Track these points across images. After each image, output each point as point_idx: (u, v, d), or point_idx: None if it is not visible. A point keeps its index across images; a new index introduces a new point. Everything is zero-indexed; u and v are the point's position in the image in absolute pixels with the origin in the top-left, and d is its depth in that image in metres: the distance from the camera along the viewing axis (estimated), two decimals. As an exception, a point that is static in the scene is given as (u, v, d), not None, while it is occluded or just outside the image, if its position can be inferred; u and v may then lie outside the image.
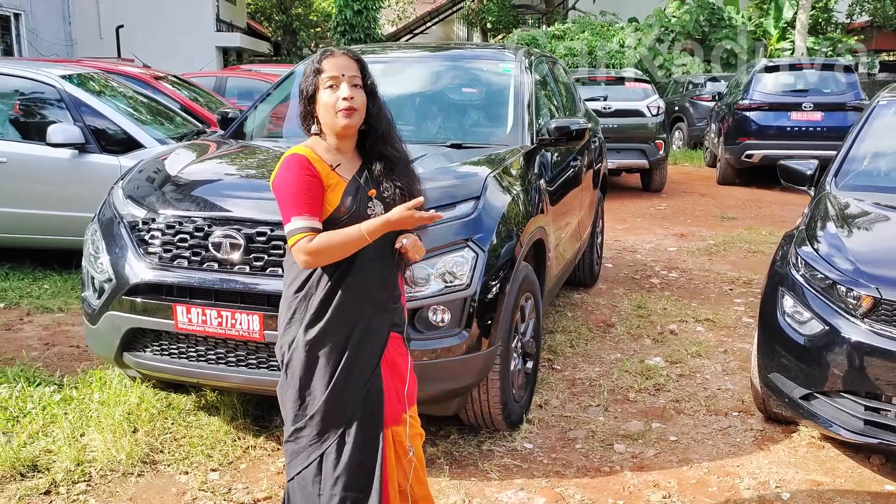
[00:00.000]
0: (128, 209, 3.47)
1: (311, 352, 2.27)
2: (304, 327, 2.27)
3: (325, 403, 2.28)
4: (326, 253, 2.17)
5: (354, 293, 2.26)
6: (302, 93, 2.27)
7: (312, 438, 2.32)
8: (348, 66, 2.23)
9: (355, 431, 2.30)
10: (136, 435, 3.52)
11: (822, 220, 3.67)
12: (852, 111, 11.15)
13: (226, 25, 23.99)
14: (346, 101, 2.19)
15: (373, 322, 2.31)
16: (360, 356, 2.29)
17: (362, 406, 2.31)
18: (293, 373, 2.31)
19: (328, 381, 2.27)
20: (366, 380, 2.30)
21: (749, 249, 7.84)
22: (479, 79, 4.64)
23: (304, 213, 2.16)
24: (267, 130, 4.63)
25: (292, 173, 2.19)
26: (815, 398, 3.24)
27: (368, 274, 2.28)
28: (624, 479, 3.33)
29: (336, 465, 2.31)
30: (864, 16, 24.90)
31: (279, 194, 2.22)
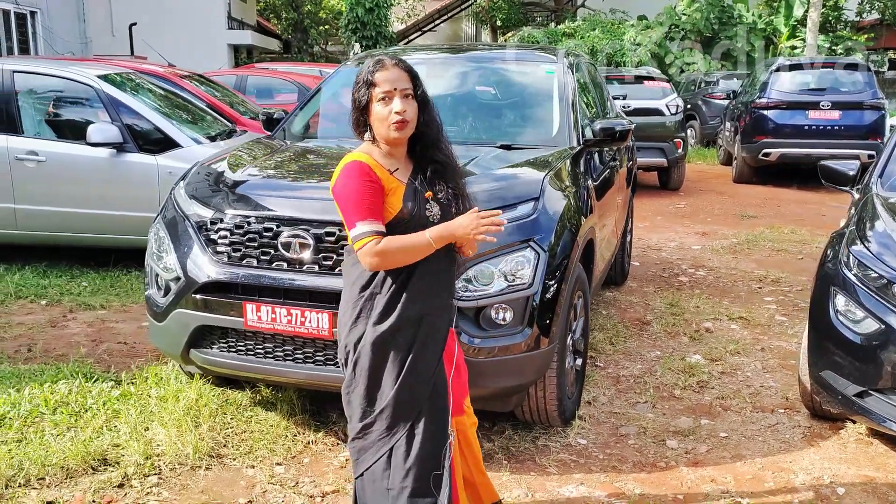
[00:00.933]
0: (193, 209, 3.53)
1: (380, 349, 2.36)
2: (373, 324, 2.35)
3: (394, 399, 2.36)
4: (393, 257, 2.28)
5: (419, 290, 2.36)
6: (355, 102, 2.35)
7: (382, 433, 2.40)
8: (400, 78, 2.31)
9: (424, 423, 2.39)
10: (200, 429, 3.60)
11: (872, 220, 3.73)
12: (870, 110, 11.21)
13: (237, 23, 24.04)
14: (399, 115, 2.28)
15: (436, 317, 2.41)
16: (426, 351, 2.38)
17: (429, 399, 2.40)
18: (361, 370, 2.39)
19: (396, 376, 2.36)
20: (431, 374, 2.40)
21: (773, 248, 7.90)
22: (524, 80, 4.71)
23: (368, 218, 2.26)
24: (315, 131, 4.70)
25: (354, 180, 2.29)
26: (869, 395, 3.31)
27: (431, 271, 2.37)
28: (680, 474, 3.40)
29: (406, 458, 2.39)
30: (874, 14, 24.89)
31: (342, 200, 2.31)
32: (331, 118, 4.91)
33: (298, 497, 3.16)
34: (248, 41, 23.83)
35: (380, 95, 2.28)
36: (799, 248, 7.86)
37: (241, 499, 3.15)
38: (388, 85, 2.28)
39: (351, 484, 3.22)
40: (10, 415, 3.71)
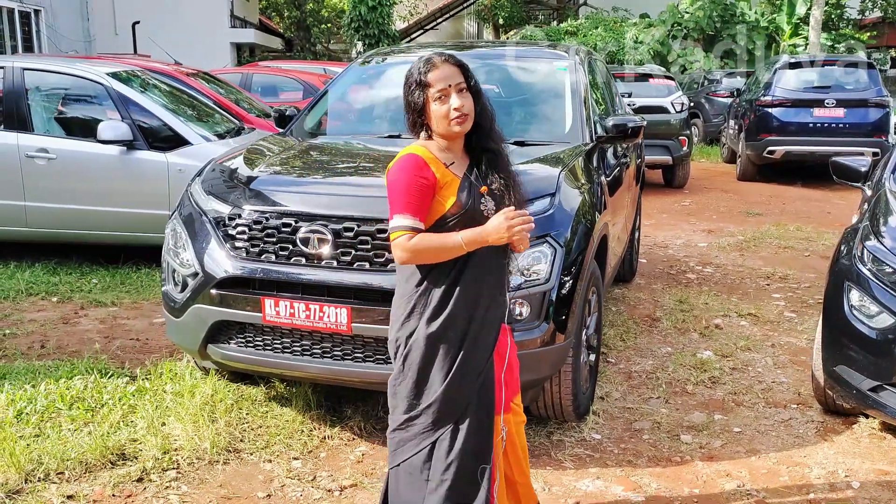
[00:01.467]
0: (211, 205, 3.55)
1: (432, 344, 2.36)
2: (426, 320, 2.36)
3: (443, 394, 2.37)
4: (423, 254, 2.30)
5: (473, 286, 2.37)
6: (410, 105, 2.36)
7: (426, 426, 2.41)
8: (453, 74, 2.32)
9: (470, 420, 2.39)
10: (216, 425, 3.61)
11: (885, 215, 3.74)
12: (875, 108, 11.22)
13: (240, 21, 24.05)
14: (458, 111, 2.30)
15: (488, 314, 2.41)
16: (477, 348, 2.39)
17: (477, 395, 2.40)
18: (411, 364, 2.40)
19: (447, 372, 2.37)
20: (480, 370, 2.40)
21: (779, 245, 7.91)
22: (536, 77, 4.73)
23: (409, 213, 2.28)
24: (327, 128, 4.72)
25: (407, 173, 2.31)
26: (884, 389, 3.33)
27: (485, 267, 2.38)
28: (696, 468, 3.42)
29: (449, 452, 2.39)
30: (877, 12, 24.90)
31: (391, 190, 2.33)
32: (342, 116, 4.94)
33: (317, 491, 3.18)
34: (251, 39, 23.84)
35: (436, 95, 2.30)
36: (805, 245, 7.88)
37: (259, 492, 3.17)
38: (443, 83, 2.30)
39: (369, 479, 3.26)
40: (27, 410, 3.73)
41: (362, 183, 3.65)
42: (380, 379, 3.30)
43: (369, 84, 5.14)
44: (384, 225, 3.21)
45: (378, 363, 3.27)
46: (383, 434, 3.63)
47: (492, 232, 2.29)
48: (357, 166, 3.98)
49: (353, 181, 3.69)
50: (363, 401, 3.91)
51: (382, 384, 3.37)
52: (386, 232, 3.19)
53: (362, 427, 3.69)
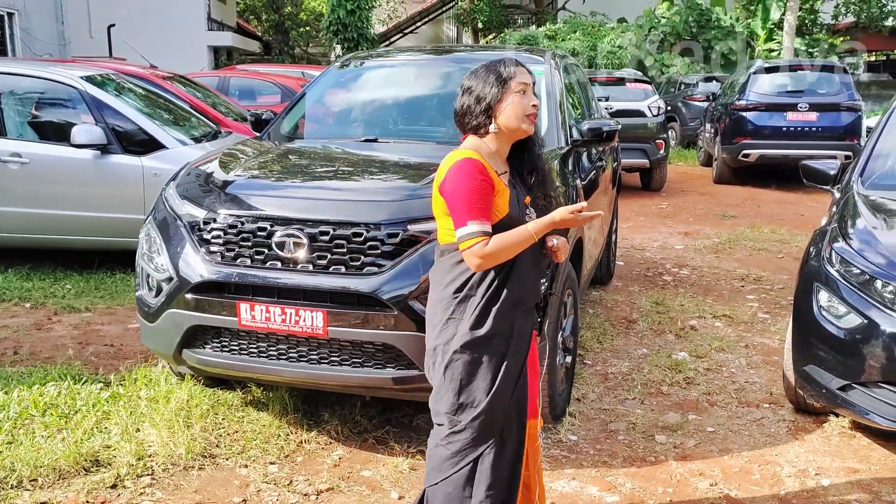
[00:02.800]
0: (186, 209, 3.54)
1: (475, 354, 2.32)
2: (469, 329, 2.31)
3: (488, 406, 2.32)
4: (499, 256, 2.28)
5: (514, 295, 2.35)
6: (482, 98, 2.33)
7: (469, 442, 2.34)
8: (530, 78, 2.39)
9: (514, 431, 2.38)
10: (192, 430, 3.60)
11: (853, 218, 3.81)
12: (847, 111, 11.39)
13: (217, 24, 23.93)
14: (534, 108, 2.36)
15: (525, 323, 2.41)
16: (517, 357, 2.37)
17: (515, 404, 2.38)
18: (453, 375, 2.35)
19: (491, 383, 2.32)
20: (518, 379, 2.38)
21: (754, 247, 8.01)
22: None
23: (479, 218, 2.24)
24: (304, 132, 4.72)
25: (468, 176, 2.26)
26: (852, 389, 3.38)
27: (525, 276, 2.38)
28: (670, 468, 3.46)
29: (494, 467, 2.34)
30: (850, 17, 25.28)
31: (453, 197, 2.27)
32: (318, 119, 4.94)
33: (293, 495, 3.18)
34: (229, 43, 23.74)
35: (519, 87, 2.33)
36: (779, 247, 7.98)
37: (235, 498, 3.16)
38: (528, 79, 2.36)
39: (346, 482, 3.27)
40: (0, 417, 3.69)
41: (338, 187, 3.65)
42: (356, 382, 3.32)
43: (347, 88, 5.15)
44: (360, 229, 3.23)
45: (354, 366, 3.28)
46: (360, 438, 3.66)
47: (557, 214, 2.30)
48: (333, 170, 3.98)
49: (330, 185, 3.69)
50: (340, 404, 3.91)
51: (358, 388, 3.41)
52: (361, 235, 3.22)
53: (339, 431, 3.69)
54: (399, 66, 5.32)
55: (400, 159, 4.07)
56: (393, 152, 4.19)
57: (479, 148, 2.36)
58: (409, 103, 4.90)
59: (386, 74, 5.22)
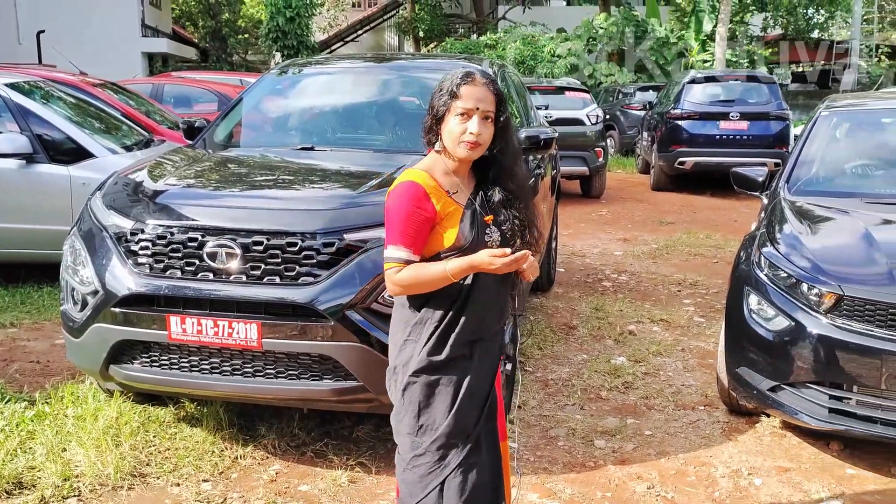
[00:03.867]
0: (112, 220, 3.42)
1: (432, 378, 2.24)
2: (427, 352, 2.24)
3: (447, 427, 2.24)
4: (411, 287, 2.19)
5: (475, 316, 2.25)
6: (433, 109, 2.22)
7: (433, 465, 2.26)
8: (485, 98, 2.18)
9: (481, 454, 2.29)
10: (121, 448, 3.47)
11: (780, 223, 3.92)
12: (775, 120, 11.77)
13: (151, 31, 23.41)
14: (473, 136, 2.16)
15: (489, 342, 2.32)
16: (480, 378, 2.29)
17: (484, 427, 2.31)
18: (411, 396, 2.27)
19: (450, 405, 2.24)
20: (484, 401, 2.31)
21: (690, 252, 8.18)
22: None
23: (402, 245, 2.16)
24: (238, 140, 4.63)
25: (404, 203, 2.17)
26: (781, 389, 3.47)
27: (489, 294, 2.27)
28: (608, 472, 3.48)
29: (462, 490, 2.25)
30: (778, 29, 26.21)
31: (387, 217, 2.21)
32: (254, 127, 4.85)
33: (227, 513, 3.09)
34: (164, 49, 23.24)
35: (459, 110, 2.16)
36: (714, 252, 8.17)
37: (166, 517, 3.06)
38: (472, 103, 2.15)
39: (282, 498, 3.20)
40: (-86, 440, 3.50)
41: (273, 195, 3.59)
42: (292, 395, 3.26)
43: (283, 95, 5.08)
44: (295, 238, 3.17)
45: (291, 379, 3.22)
46: (297, 451, 3.59)
47: (477, 258, 2.14)
48: (268, 179, 3.91)
49: (264, 194, 3.63)
50: (277, 418, 3.83)
51: (295, 400, 3.35)
52: (296, 245, 3.16)
53: (276, 445, 3.61)
54: (337, 73, 5.27)
55: (337, 168, 4.03)
56: (329, 160, 4.14)
57: (435, 165, 2.25)
58: (347, 111, 4.86)
59: (324, 82, 5.17)
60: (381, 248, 3.17)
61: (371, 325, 3.13)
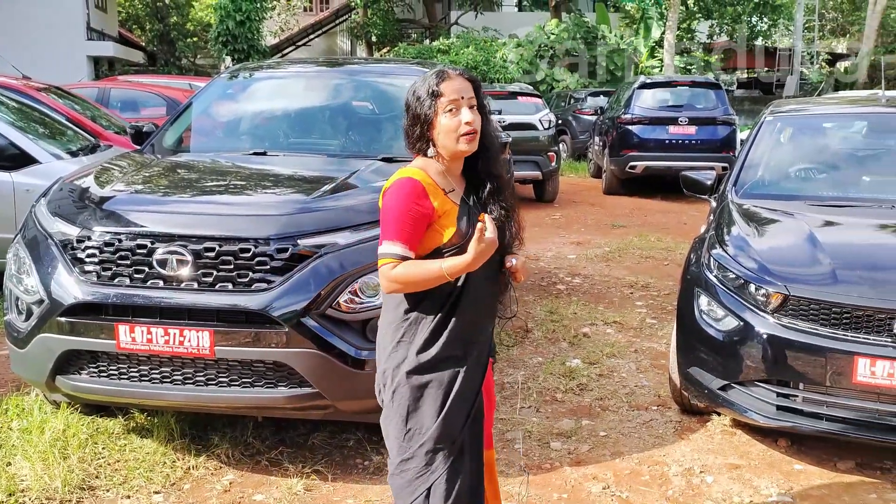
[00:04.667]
0: (57, 227, 3.34)
1: (422, 380, 2.22)
2: (417, 351, 2.21)
3: (436, 431, 2.21)
4: (406, 284, 2.16)
5: (467, 317, 2.24)
6: (418, 117, 2.20)
7: (420, 470, 2.24)
8: (465, 87, 2.19)
9: (466, 459, 2.26)
10: (69, 461, 3.38)
11: (728, 225, 4.01)
12: (722, 125, 12.05)
13: (97, 34, 22.91)
14: (469, 126, 2.15)
15: (480, 346, 2.30)
16: (470, 382, 2.26)
17: (470, 432, 2.28)
18: (400, 401, 2.24)
19: (439, 409, 2.21)
20: (471, 406, 2.28)
21: (642, 255, 8.31)
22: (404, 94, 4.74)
23: (399, 241, 2.13)
24: (188, 145, 4.55)
25: (403, 199, 2.15)
26: (731, 388, 3.55)
27: (480, 296, 2.26)
28: (564, 474, 3.51)
29: (447, 496, 2.23)
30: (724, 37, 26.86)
31: (384, 213, 2.19)
32: (205, 132, 4.78)
33: (180, 525, 3.03)
34: (110, 53, 22.78)
35: (447, 106, 2.15)
36: (665, 254, 8.32)
37: (117, 531, 2.99)
38: (456, 94, 2.15)
39: (237, 507, 3.14)
40: None
41: (225, 201, 3.54)
42: (246, 403, 3.22)
43: (234, 99, 5.01)
44: (248, 244, 3.13)
45: (244, 387, 3.17)
46: (252, 460, 3.53)
47: (472, 257, 2.09)
48: (220, 184, 3.85)
49: (216, 199, 3.57)
50: (231, 427, 3.77)
51: (250, 408, 3.31)
52: (249, 251, 3.13)
53: (230, 454, 3.55)
54: (290, 77, 5.23)
55: (290, 173, 4.00)
56: (282, 165, 4.11)
57: (428, 165, 2.24)
58: (299, 116, 4.83)
59: (276, 86, 5.13)
60: (334, 253, 3.20)
61: (326, 331, 3.11)
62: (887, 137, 4.84)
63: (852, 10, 33.38)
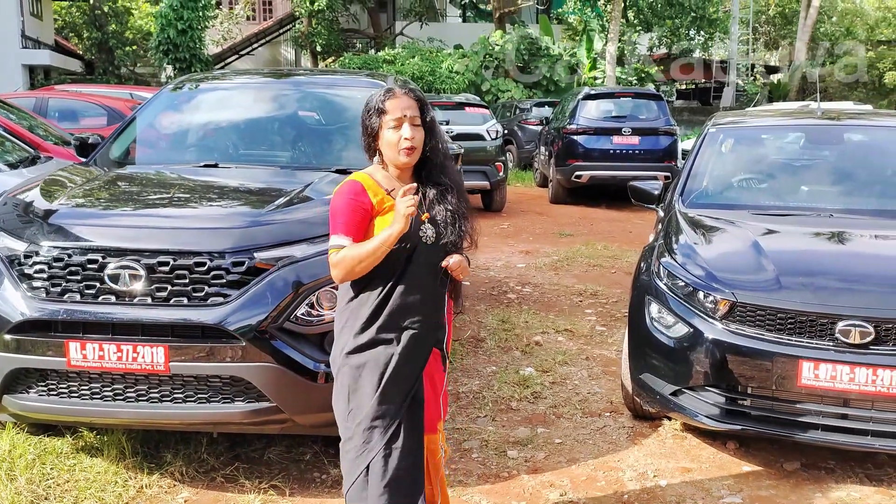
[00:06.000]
0: (3, 242, 3.24)
1: (360, 357, 2.41)
2: (355, 334, 2.41)
3: (372, 408, 2.39)
4: (349, 264, 2.36)
5: (403, 304, 2.43)
6: (366, 129, 2.47)
7: (360, 448, 2.41)
8: (410, 106, 2.43)
9: (402, 439, 2.41)
10: (16, 483, 3.28)
11: (677, 234, 4.12)
12: (664, 135, 12.36)
13: (32, 42, 22.25)
14: (408, 141, 2.40)
15: (420, 332, 2.45)
16: (407, 365, 2.43)
17: (407, 413, 2.43)
18: (342, 380, 2.45)
19: (376, 386, 2.40)
20: (410, 388, 2.44)
21: (589, 263, 8.45)
22: (356, 105, 4.74)
23: (342, 233, 2.39)
24: (135, 157, 4.47)
25: (344, 197, 2.43)
26: (682, 393, 3.64)
27: (418, 286, 2.45)
28: (522, 482, 3.55)
29: (384, 474, 2.39)
30: (663, 48, 27.55)
31: (330, 211, 2.44)
32: (153, 144, 4.70)
33: (135, 546, 2.96)
34: (46, 61, 22.16)
35: (390, 123, 2.40)
36: (611, 262, 8.48)
37: (68, 555, 2.90)
38: (399, 112, 2.40)
39: (193, 525, 3.09)
40: None
41: (178, 214, 3.49)
42: (202, 420, 3.17)
43: (182, 111, 4.94)
44: (203, 258, 3.10)
45: (200, 403, 3.13)
46: (207, 477, 3.48)
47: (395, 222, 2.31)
48: (172, 197, 3.79)
49: (169, 212, 3.52)
50: (184, 443, 3.71)
51: (205, 424, 3.26)
52: (205, 265, 3.09)
53: (184, 472, 3.49)
54: (238, 88, 5.17)
55: (243, 185, 3.96)
56: (235, 178, 4.06)
57: (376, 170, 2.50)
58: (250, 127, 4.78)
59: (225, 97, 5.07)
60: (291, 266, 3.18)
61: (284, 344, 3.10)
62: (823, 148, 5.04)
63: (784, 23, 34.66)
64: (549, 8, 29.41)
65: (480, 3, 29.15)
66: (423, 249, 2.45)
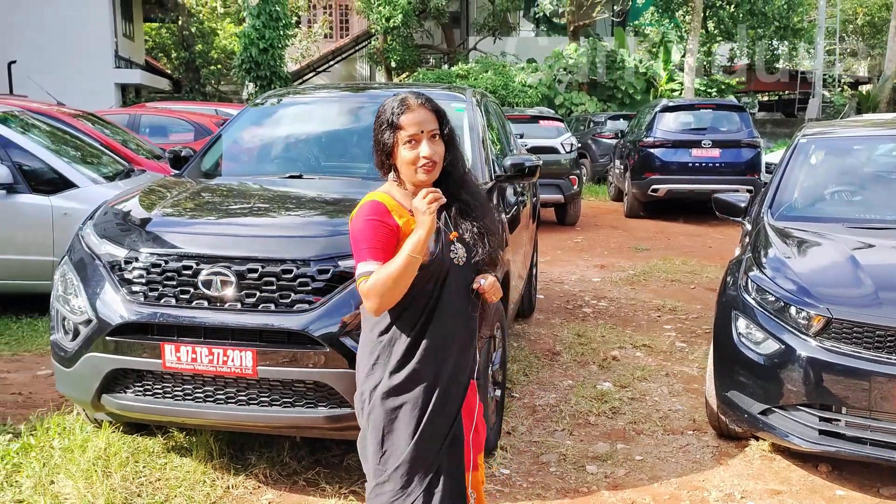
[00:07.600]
0: (105, 249, 3.40)
1: (396, 399, 2.24)
2: (389, 373, 2.24)
3: (410, 455, 2.23)
4: (384, 291, 2.14)
5: (440, 336, 2.26)
6: (380, 145, 2.26)
7: (396, 493, 2.25)
8: (427, 119, 2.23)
9: (443, 481, 2.26)
10: (111, 480, 3.41)
11: (766, 247, 4.00)
12: (747, 148, 12.03)
13: (125, 62, 23.34)
14: (427, 159, 2.21)
15: (456, 368, 2.31)
16: (446, 403, 2.28)
17: (447, 454, 2.29)
18: (375, 423, 2.28)
19: (414, 429, 2.23)
20: (449, 427, 2.29)
21: (667, 278, 8.28)
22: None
23: (371, 259, 2.17)
24: (224, 169, 4.63)
25: (366, 219, 2.21)
26: (772, 412, 3.52)
27: (452, 316, 2.29)
28: (602, 498, 3.49)
29: None
30: (744, 59, 26.86)
31: (352, 238, 2.24)
32: (239, 157, 4.86)
33: (222, 544, 3.05)
34: (137, 80, 23.19)
35: (406, 139, 2.20)
36: (690, 278, 8.28)
37: (160, 550, 3.01)
38: (415, 128, 2.20)
39: (278, 527, 3.15)
40: None
41: (266, 223, 3.59)
42: (287, 423, 3.24)
43: (265, 125, 5.09)
44: (289, 265, 3.17)
45: (285, 406, 3.20)
46: (290, 480, 3.55)
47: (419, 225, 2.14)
48: (259, 207, 3.91)
49: (256, 221, 3.63)
50: (268, 447, 3.79)
51: (289, 428, 3.33)
52: (291, 272, 3.17)
53: (268, 474, 3.57)
54: (319, 102, 5.30)
55: (326, 195, 4.04)
56: (318, 188, 4.16)
57: (392, 189, 2.31)
58: (332, 139, 4.89)
59: (306, 111, 5.20)
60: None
61: (367, 351, 3.13)
62: (921, 160, 4.82)
63: (873, 33, 33.33)
64: (624, 20, 29.08)
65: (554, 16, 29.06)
66: (454, 271, 2.27)
